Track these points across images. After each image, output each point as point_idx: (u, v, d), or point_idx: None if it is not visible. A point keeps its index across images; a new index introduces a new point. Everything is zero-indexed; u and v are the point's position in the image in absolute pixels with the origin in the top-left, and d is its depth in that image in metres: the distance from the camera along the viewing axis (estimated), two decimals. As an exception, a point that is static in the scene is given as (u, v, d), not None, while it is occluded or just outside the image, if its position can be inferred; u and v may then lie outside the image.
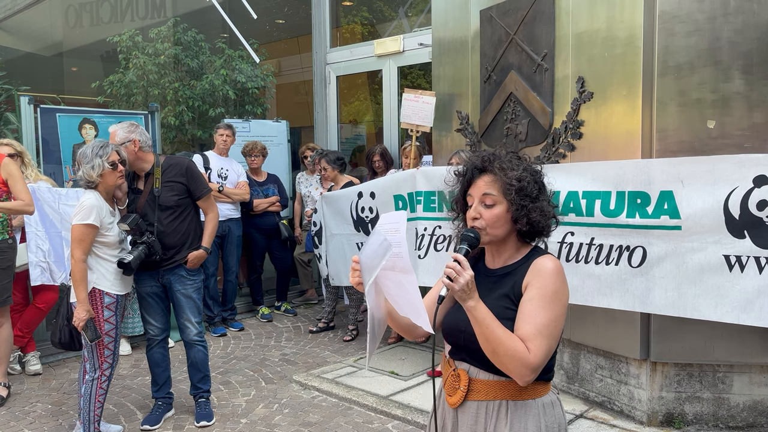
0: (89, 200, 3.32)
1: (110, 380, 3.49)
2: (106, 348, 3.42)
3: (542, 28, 4.01)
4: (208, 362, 3.91)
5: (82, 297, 3.30)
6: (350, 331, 5.46)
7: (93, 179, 3.35)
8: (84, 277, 3.31)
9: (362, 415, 3.93)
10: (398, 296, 1.60)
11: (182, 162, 3.81)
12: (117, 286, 3.45)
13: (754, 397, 3.48)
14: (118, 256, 3.45)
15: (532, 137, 4.12)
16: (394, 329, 1.80)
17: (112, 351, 3.45)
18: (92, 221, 3.29)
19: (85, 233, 3.29)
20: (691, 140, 3.41)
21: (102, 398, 3.45)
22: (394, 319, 1.77)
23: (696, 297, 3.16)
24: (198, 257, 3.76)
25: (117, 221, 3.49)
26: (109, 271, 3.42)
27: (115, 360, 3.50)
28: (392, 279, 1.58)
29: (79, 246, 3.29)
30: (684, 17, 3.41)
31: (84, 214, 3.29)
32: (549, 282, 1.65)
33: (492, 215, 1.71)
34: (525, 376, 1.59)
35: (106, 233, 3.38)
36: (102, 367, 3.43)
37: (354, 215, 4.93)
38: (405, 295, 1.57)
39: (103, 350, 3.42)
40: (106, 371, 3.44)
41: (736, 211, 3.01)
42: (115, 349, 3.48)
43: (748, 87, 3.34)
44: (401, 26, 7.36)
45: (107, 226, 3.39)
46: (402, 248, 1.53)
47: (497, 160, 1.74)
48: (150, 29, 7.56)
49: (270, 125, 7.06)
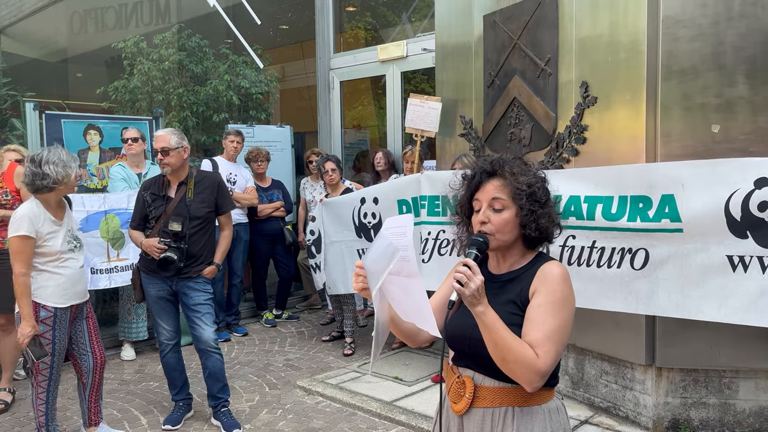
0: (22, 210, 3.19)
1: (49, 393, 3.33)
2: (42, 362, 3.25)
3: (545, 34, 4.01)
4: (224, 371, 3.91)
5: (26, 312, 3.13)
6: (349, 344, 5.34)
7: (66, 181, 3.24)
8: (25, 291, 3.15)
9: (366, 420, 3.92)
10: (403, 301, 1.59)
11: (215, 177, 4.01)
12: (56, 298, 3.27)
13: (761, 403, 3.46)
14: (62, 266, 3.29)
15: (536, 142, 4.12)
16: (396, 335, 1.80)
17: (48, 365, 3.27)
18: (25, 232, 3.13)
19: (21, 246, 3.14)
20: (695, 145, 3.40)
21: (42, 407, 3.32)
22: (396, 325, 1.76)
23: (700, 298, 3.14)
24: (211, 272, 3.85)
25: (63, 229, 3.33)
26: (47, 283, 3.25)
27: (53, 375, 3.31)
28: (397, 284, 1.56)
29: (17, 259, 3.14)
30: (687, 22, 3.40)
31: (16, 225, 3.14)
32: (557, 288, 1.64)
33: (501, 220, 1.69)
34: (534, 382, 1.58)
35: (45, 243, 3.22)
36: (37, 379, 3.28)
37: (356, 221, 4.93)
38: (411, 299, 1.55)
39: (39, 364, 3.25)
40: (42, 383, 3.30)
41: (737, 213, 2.99)
42: (53, 364, 3.29)
43: (752, 91, 3.33)
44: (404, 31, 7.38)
45: (45, 236, 3.22)
46: (409, 252, 1.51)
47: (507, 164, 1.72)
48: (154, 35, 7.59)
49: (274, 131, 7.08)
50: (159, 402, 4.27)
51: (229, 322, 5.96)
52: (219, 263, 3.92)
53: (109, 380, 4.66)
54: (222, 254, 3.94)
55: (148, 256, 3.72)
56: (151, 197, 3.80)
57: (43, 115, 5.34)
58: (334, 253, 5.17)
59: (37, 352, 3.17)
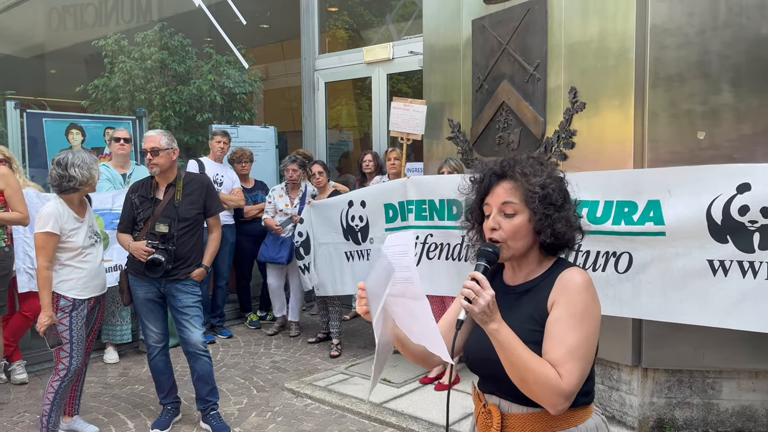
0: (48, 208, 3.41)
1: (63, 382, 3.50)
2: (62, 350, 3.47)
3: (534, 39, 4.06)
4: (213, 373, 3.88)
5: (46, 302, 3.38)
6: (335, 346, 5.34)
7: (92, 182, 3.49)
8: (47, 283, 3.38)
9: (356, 422, 3.93)
10: (411, 324, 1.48)
11: (204, 178, 4.03)
12: (77, 290, 3.49)
13: (743, 403, 3.55)
14: (83, 261, 3.50)
15: (524, 146, 4.17)
16: (408, 358, 1.68)
17: (68, 354, 3.47)
18: (50, 229, 3.35)
19: (46, 241, 3.36)
20: (681, 151, 3.48)
21: (50, 396, 3.49)
22: (405, 347, 1.63)
23: (682, 302, 3.21)
24: (200, 275, 3.82)
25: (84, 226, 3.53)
26: (70, 276, 3.47)
27: (72, 364, 3.49)
28: (403, 306, 1.46)
29: (41, 254, 3.38)
30: (674, 30, 3.48)
31: (42, 222, 3.36)
32: (578, 298, 1.50)
33: (512, 226, 1.55)
34: (557, 404, 1.43)
35: (68, 239, 3.43)
36: (57, 367, 3.49)
37: (344, 224, 4.93)
38: (419, 322, 1.44)
39: (59, 352, 3.47)
40: (61, 371, 3.49)
41: (718, 217, 3.07)
42: (72, 352, 3.48)
43: (737, 99, 3.42)
44: (388, 33, 7.40)
45: (69, 233, 3.43)
46: (412, 272, 1.40)
47: (518, 164, 1.59)
48: (136, 33, 7.48)
49: (258, 131, 7.05)
50: (145, 405, 4.23)
51: (213, 324, 5.91)
52: (208, 265, 3.90)
53: (93, 383, 4.60)
54: (211, 256, 3.92)
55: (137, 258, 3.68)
56: (138, 199, 3.76)
57: (24, 113, 5.24)
58: (322, 255, 5.16)
59: (52, 340, 3.40)
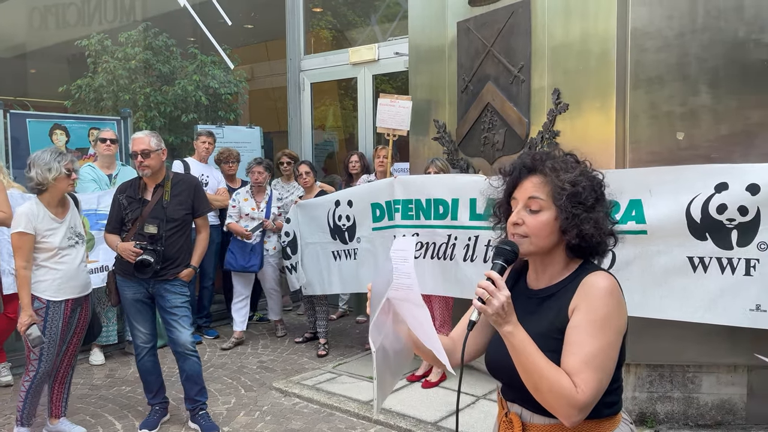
0: (22, 208, 3.40)
1: (33, 383, 3.47)
2: (32, 352, 3.44)
3: (519, 41, 4.12)
4: (202, 374, 3.89)
5: (26, 303, 3.37)
6: (322, 345, 5.35)
7: (47, 182, 3.35)
8: (25, 283, 3.37)
9: (344, 420, 3.96)
10: (417, 327, 1.46)
11: (192, 179, 4.03)
12: (50, 292, 3.45)
13: (722, 396, 3.64)
14: (59, 262, 3.45)
15: (509, 146, 4.23)
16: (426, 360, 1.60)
17: (38, 357, 3.44)
18: (23, 229, 3.33)
19: (20, 241, 3.34)
20: (661, 151, 3.57)
21: (23, 394, 3.48)
22: (421, 350, 1.57)
23: (662, 298, 3.30)
24: (188, 275, 3.83)
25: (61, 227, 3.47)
26: (44, 278, 3.43)
27: (41, 367, 3.46)
28: (408, 311, 1.45)
29: (17, 254, 3.37)
30: (654, 33, 3.56)
31: (15, 222, 3.36)
32: (599, 304, 1.41)
33: (537, 222, 1.47)
34: (571, 416, 1.36)
35: (43, 240, 3.40)
36: (27, 368, 3.47)
37: (331, 223, 4.96)
38: (422, 328, 1.43)
39: (29, 354, 3.45)
40: (30, 371, 3.47)
41: (697, 215, 3.16)
42: (42, 356, 3.44)
43: (715, 101, 3.51)
44: (373, 34, 7.44)
45: (44, 233, 3.40)
46: (411, 279, 1.38)
47: (550, 159, 1.51)
48: (119, 33, 7.45)
49: (244, 131, 7.05)
50: (133, 406, 4.22)
51: (200, 324, 5.91)
52: (196, 266, 3.91)
53: (79, 385, 4.58)
54: (199, 257, 3.93)
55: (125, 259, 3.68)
56: (127, 200, 3.76)
57: (7, 114, 5.20)
58: (309, 255, 5.19)
59: (35, 340, 3.37)
